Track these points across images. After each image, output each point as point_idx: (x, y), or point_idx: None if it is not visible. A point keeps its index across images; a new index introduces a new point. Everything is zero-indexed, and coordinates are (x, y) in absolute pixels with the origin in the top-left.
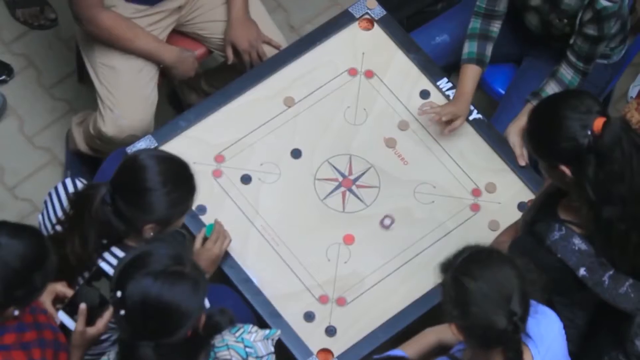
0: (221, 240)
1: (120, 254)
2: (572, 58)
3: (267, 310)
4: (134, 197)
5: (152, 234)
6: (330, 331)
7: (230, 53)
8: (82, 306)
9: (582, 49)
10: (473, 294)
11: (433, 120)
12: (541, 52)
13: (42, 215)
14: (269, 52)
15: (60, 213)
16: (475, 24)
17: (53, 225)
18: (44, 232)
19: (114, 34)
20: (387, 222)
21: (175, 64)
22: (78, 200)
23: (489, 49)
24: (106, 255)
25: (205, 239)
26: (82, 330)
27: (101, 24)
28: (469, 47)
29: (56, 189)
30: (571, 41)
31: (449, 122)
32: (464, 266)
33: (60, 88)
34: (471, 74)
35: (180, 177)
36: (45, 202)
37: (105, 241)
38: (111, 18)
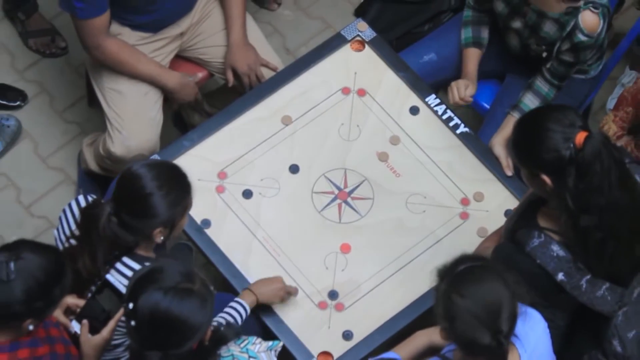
0: (290, 290)
1: (132, 263)
2: (548, 75)
3: (269, 317)
4: (137, 206)
5: (162, 238)
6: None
7: (230, 76)
8: (84, 321)
9: (558, 70)
10: (460, 311)
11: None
12: (522, 69)
13: (57, 230)
14: (267, 74)
15: (73, 227)
16: (467, 12)
17: (67, 239)
18: (60, 246)
19: (118, 60)
20: None
21: (176, 89)
22: (85, 219)
23: (484, 32)
24: (118, 265)
25: None
26: (85, 339)
27: (106, 50)
28: (465, 33)
29: (70, 205)
30: (548, 65)
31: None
32: (456, 281)
33: (72, 112)
34: (472, 55)
35: (173, 177)
36: (60, 218)
37: (116, 252)
38: (115, 45)
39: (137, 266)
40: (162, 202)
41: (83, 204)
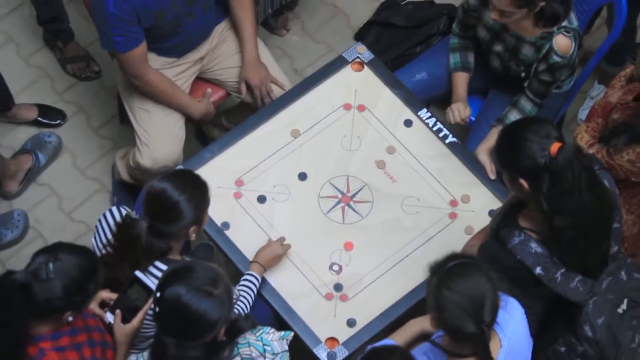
0: (283, 245)
1: (162, 266)
2: (530, 95)
3: (282, 307)
4: (169, 215)
5: (194, 236)
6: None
7: (244, 88)
8: (117, 312)
9: (538, 89)
10: (448, 303)
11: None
12: (503, 86)
13: (94, 238)
14: (277, 92)
15: (109, 235)
16: (453, 39)
17: (104, 246)
18: (97, 253)
19: (157, 90)
20: None
21: (201, 118)
22: (123, 238)
23: (470, 57)
24: (151, 269)
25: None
26: (118, 328)
27: (149, 80)
28: (454, 59)
29: (104, 215)
30: (526, 84)
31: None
32: (445, 277)
33: (106, 129)
34: (461, 79)
35: (190, 181)
36: (96, 227)
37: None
38: (156, 77)
39: (164, 265)
40: (188, 205)
41: (117, 214)
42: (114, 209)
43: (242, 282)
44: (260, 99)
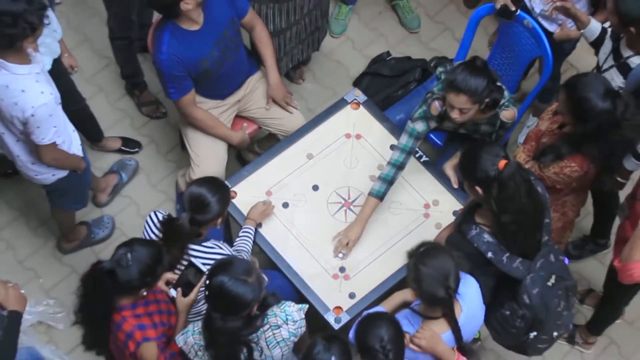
0: (266, 204)
1: (196, 247)
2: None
3: (300, 284)
4: (203, 210)
5: (219, 226)
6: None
7: (269, 103)
8: (178, 289)
9: (497, 138)
10: (424, 275)
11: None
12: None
13: (144, 235)
14: (295, 124)
15: (156, 231)
16: (390, 171)
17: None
18: None
19: (204, 125)
20: None
21: (238, 145)
22: (168, 228)
23: (389, 189)
24: (190, 251)
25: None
26: (180, 300)
27: (196, 117)
28: (379, 187)
29: (150, 217)
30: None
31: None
32: (420, 257)
33: (171, 154)
34: (372, 206)
35: (216, 186)
36: (145, 227)
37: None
38: (202, 114)
39: (201, 249)
40: (218, 203)
41: (160, 216)
42: (152, 214)
43: (242, 232)
44: (286, 104)
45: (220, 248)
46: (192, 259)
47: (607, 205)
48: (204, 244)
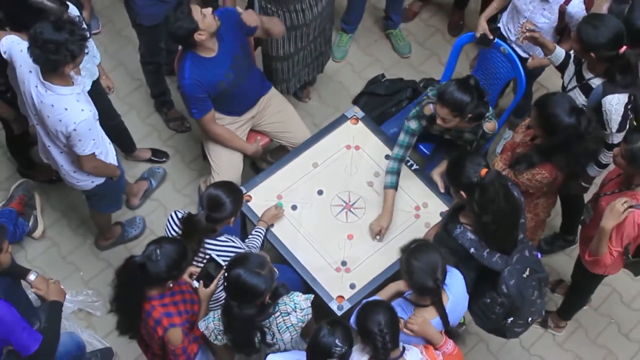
0: (277, 208)
1: (212, 241)
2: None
3: (307, 276)
4: (220, 210)
5: (232, 224)
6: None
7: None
8: (200, 281)
9: (478, 148)
10: (415, 268)
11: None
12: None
13: (166, 232)
14: (300, 137)
15: (176, 228)
16: (394, 164)
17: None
18: None
19: (222, 138)
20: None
21: (252, 155)
22: (189, 225)
23: (398, 179)
24: (207, 245)
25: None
26: (201, 290)
27: (215, 132)
28: (391, 179)
29: (171, 216)
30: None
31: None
32: (411, 252)
33: (194, 164)
34: (392, 195)
35: (232, 188)
36: (166, 225)
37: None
38: (219, 129)
39: (215, 242)
40: (231, 204)
41: (179, 215)
42: (173, 214)
43: (254, 232)
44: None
45: (232, 241)
46: (212, 255)
47: (573, 206)
48: (218, 238)
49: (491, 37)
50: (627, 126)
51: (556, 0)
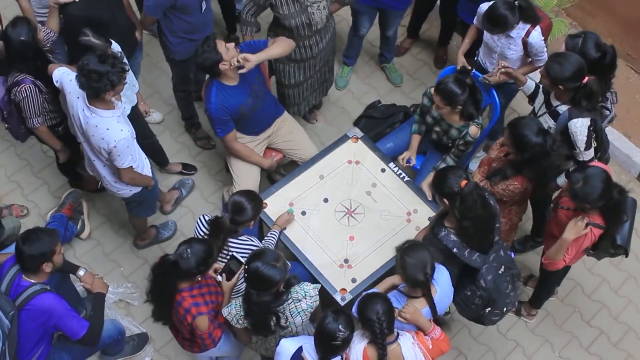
0: (289, 214)
1: (234, 240)
2: (452, 155)
3: (314, 271)
4: (242, 214)
5: (251, 227)
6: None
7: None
8: (224, 275)
9: (457, 153)
10: (408, 264)
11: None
12: (436, 149)
13: (195, 233)
14: (308, 153)
15: (204, 229)
16: (415, 117)
17: (202, 237)
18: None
19: (242, 154)
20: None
21: (268, 168)
22: (216, 226)
23: (422, 128)
24: (229, 243)
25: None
26: (225, 283)
27: (236, 149)
28: (414, 128)
29: (200, 219)
30: (453, 150)
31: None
32: (404, 250)
33: (219, 175)
34: (416, 139)
35: (253, 196)
36: (195, 228)
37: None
38: (239, 146)
39: (237, 241)
40: (252, 210)
41: (206, 218)
42: (201, 217)
43: (269, 234)
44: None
45: (251, 240)
46: (234, 253)
47: (542, 212)
48: (239, 238)
49: (470, 67)
50: (592, 145)
51: (518, 34)
